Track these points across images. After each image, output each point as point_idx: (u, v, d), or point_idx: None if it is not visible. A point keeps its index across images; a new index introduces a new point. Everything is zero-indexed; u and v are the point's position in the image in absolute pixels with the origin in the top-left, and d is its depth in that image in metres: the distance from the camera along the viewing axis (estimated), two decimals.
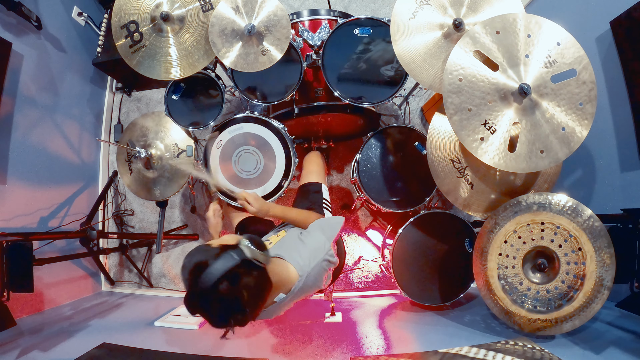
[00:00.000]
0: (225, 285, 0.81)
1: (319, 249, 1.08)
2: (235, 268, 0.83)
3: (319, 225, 1.20)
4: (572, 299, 1.29)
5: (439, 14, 1.41)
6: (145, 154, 1.80)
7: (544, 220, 1.32)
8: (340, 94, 1.63)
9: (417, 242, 1.74)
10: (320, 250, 1.08)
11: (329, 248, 1.10)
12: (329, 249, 1.10)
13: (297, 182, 1.87)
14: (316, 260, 1.05)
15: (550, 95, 1.23)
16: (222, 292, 0.81)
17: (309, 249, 1.07)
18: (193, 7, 1.56)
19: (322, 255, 1.07)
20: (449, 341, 1.43)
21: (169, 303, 2.15)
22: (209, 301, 0.82)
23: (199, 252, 0.86)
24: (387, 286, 2.30)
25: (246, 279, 0.84)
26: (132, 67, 1.59)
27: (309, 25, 1.74)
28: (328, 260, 1.09)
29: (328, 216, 1.53)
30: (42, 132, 2.03)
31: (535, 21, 1.24)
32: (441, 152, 1.48)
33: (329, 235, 1.14)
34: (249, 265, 0.86)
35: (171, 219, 2.53)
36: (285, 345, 1.54)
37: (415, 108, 2.46)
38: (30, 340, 1.55)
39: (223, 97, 1.75)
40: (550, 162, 1.24)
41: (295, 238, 1.15)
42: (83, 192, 2.37)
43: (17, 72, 1.86)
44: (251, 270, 0.86)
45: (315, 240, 1.11)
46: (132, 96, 2.72)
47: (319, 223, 1.22)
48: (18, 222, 1.84)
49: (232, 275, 0.82)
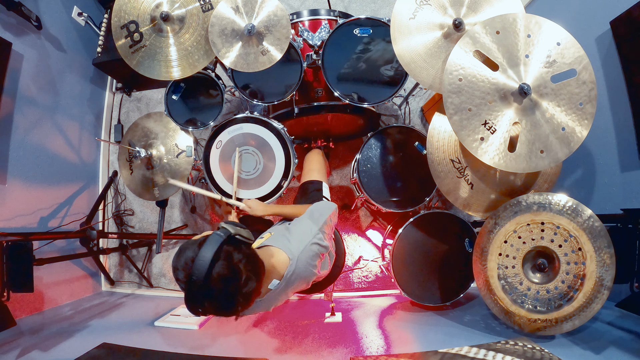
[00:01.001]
0: (221, 264, 0.81)
1: (305, 232, 1.10)
2: (224, 244, 0.84)
3: (308, 212, 1.22)
4: (572, 299, 1.29)
5: (439, 14, 1.41)
6: (145, 154, 1.80)
7: (544, 220, 1.32)
8: (340, 94, 1.63)
9: (417, 242, 1.74)
10: (307, 233, 1.09)
11: (316, 232, 1.10)
12: (316, 232, 1.10)
13: (298, 182, 1.88)
14: (304, 243, 1.06)
15: (550, 95, 1.23)
16: (220, 272, 0.80)
17: (296, 233, 1.10)
18: (193, 7, 1.56)
19: (310, 238, 1.08)
20: (449, 341, 1.43)
21: (169, 303, 2.15)
22: (210, 287, 0.81)
23: (183, 249, 0.86)
24: (387, 286, 2.30)
25: (237, 255, 0.84)
26: (132, 67, 1.59)
27: (309, 25, 1.74)
28: (317, 243, 1.09)
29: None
30: (42, 132, 2.03)
31: (535, 21, 1.24)
32: (441, 152, 1.48)
33: (317, 219, 1.16)
34: (236, 241, 0.87)
35: (171, 219, 2.53)
36: (285, 345, 1.54)
37: (415, 108, 2.46)
38: (30, 340, 1.55)
39: (223, 97, 1.75)
40: (550, 162, 1.24)
41: (283, 229, 1.19)
42: (83, 192, 2.37)
43: (17, 72, 1.86)
44: (240, 245, 0.87)
45: (302, 225, 1.14)
46: (132, 96, 2.73)
47: (309, 210, 1.23)
48: (18, 222, 1.84)
49: (224, 253, 0.83)
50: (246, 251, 0.88)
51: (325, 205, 1.26)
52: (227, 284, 0.82)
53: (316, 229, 1.11)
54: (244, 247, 0.88)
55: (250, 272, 0.85)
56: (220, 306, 0.84)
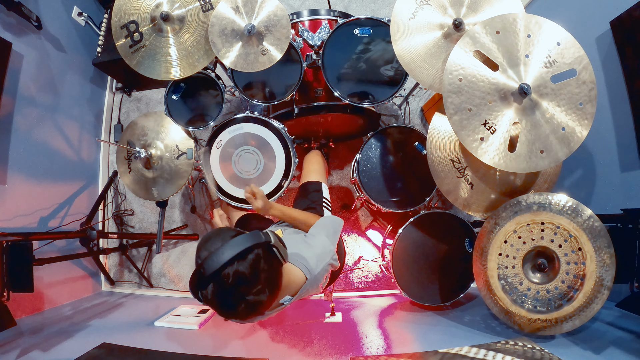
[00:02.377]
0: (245, 262, 0.79)
1: (325, 253, 1.10)
2: (259, 246, 0.82)
3: (323, 227, 1.21)
4: (572, 299, 1.29)
5: (439, 14, 1.41)
6: (145, 154, 1.80)
7: (544, 220, 1.32)
8: (340, 94, 1.63)
9: (417, 242, 1.74)
10: (326, 254, 1.10)
11: (333, 252, 1.13)
12: (333, 253, 1.13)
13: (298, 182, 1.87)
14: (322, 263, 1.06)
15: (550, 95, 1.23)
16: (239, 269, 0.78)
17: (316, 252, 1.08)
18: (193, 7, 1.56)
19: (328, 259, 1.09)
20: (449, 341, 1.43)
21: (169, 303, 2.15)
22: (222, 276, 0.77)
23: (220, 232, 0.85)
24: (387, 286, 2.30)
25: (264, 264, 0.82)
26: (132, 67, 1.59)
27: (309, 25, 1.74)
28: (331, 263, 1.12)
29: (327, 215, 1.53)
30: (42, 132, 2.03)
31: (535, 21, 1.24)
32: (441, 152, 1.48)
33: (333, 239, 1.18)
34: (271, 250, 0.86)
35: (171, 219, 2.53)
36: (285, 345, 1.54)
37: (415, 108, 2.46)
38: (30, 340, 1.55)
39: (223, 97, 1.75)
40: (550, 162, 1.24)
41: (301, 241, 1.15)
42: (83, 192, 2.37)
43: (17, 72, 1.86)
44: (271, 256, 0.85)
45: (322, 244, 1.13)
46: (132, 96, 2.72)
47: (323, 225, 1.22)
48: (18, 222, 1.84)
49: (254, 254, 0.80)
50: (274, 265, 0.86)
51: (337, 223, 1.27)
52: (238, 283, 0.79)
53: (333, 248, 1.14)
54: (274, 261, 0.86)
55: (266, 285, 0.83)
56: (220, 302, 0.81)
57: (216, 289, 0.79)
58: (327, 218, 1.28)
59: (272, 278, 0.85)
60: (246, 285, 0.80)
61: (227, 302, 0.81)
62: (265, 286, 0.82)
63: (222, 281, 0.78)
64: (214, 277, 0.78)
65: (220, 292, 0.80)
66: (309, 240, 1.15)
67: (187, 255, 2.50)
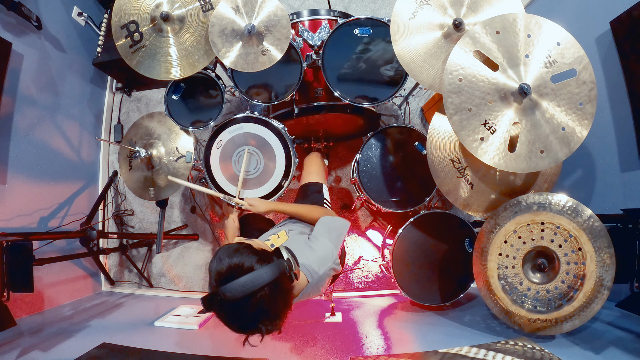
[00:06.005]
0: (272, 291, 0.82)
1: (327, 257, 1.09)
2: (280, 278, 0.84)
3: (326, 229, 1.18)
4: (572, 299, 1.29)
5: (439, 14, 1.41)
6: (145, 154, 1.80)
7: (544, 220, 1.32)
8: (340, 94, 1.63)
9: (417, 242, 1.74)
10: (328, 258, 1.09)
11: (336, 257, 1.11)
12: (336, 257, 1.11)
13: (298, 182, 1.87)
14: (325, 267, 1.06)
15: (550, 95, 1.23)
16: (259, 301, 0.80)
17: (318, 256, 1.08)
18: (193, 7, 1.56)
19: (330, 263, 1.08)
20: (449, 341, 1.43)
21: (169, 303, 2.15)
22: (243, 307, 0.80)
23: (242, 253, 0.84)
24: (387, 286, 2.30)
25: (282, 289, 0.85)
26: (132, 67, 1.59)
27: (309, 25, 1.74)
28: (334, 268, 1.11)
29: (331, 212, 1.52)
30: (42, 132, 2.03)
31: (535, 21, 1.24)
32: (441, 152, 1.48)
33: (336, 243, 1.16)
34: (291, 276, 0.88)
35: (171, 219, 2.53)
36: (286, 345, 1.54)
37: (415, 108, 2.46)
38: (30, 340, 1.55)
39: (223, 97, 1.75)
40: (550, 162, 1.24)
41: (304, 244, 1.14)
42: (83, 192, 2.37)
43: (17, 72, 1.86)
44: (290, 281, 0.88)
45: (324, 248, 1.11)
46: (132, 96, 2.73)
47: (327, 226, 1.19)
48: (18, 222, 1.84)
49: (274, 284, 0.83)
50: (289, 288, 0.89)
51: (342, 224, 1.24)
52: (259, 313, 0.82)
53: (336, 252, 1.11)
54: (290, 284, 0.89)
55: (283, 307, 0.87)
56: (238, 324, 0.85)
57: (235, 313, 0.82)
58: (331, 218, 1.25)
59: (288, 299, 0.90)
60: (266, 315, 0.84)
61: (245, 325, 0.85)
62: (282, 308, 0.87)
63: (243, 309, 0.81)
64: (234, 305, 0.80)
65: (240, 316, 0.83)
66: (312, 243, 1.13)
67: (187, 255, 2.50)
